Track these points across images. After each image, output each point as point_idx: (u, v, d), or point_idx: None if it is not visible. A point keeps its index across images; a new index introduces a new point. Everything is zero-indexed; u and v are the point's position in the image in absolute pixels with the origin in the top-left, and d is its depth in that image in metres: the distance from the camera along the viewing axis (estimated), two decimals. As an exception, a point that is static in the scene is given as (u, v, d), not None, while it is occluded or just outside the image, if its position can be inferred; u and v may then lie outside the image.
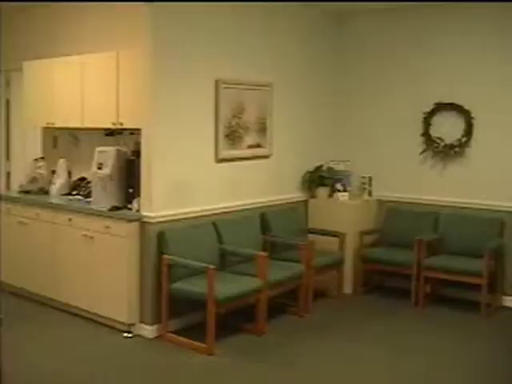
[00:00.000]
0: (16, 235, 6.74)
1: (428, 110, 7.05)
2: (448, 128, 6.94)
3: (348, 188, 7.29)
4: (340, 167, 7.39)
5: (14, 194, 7.02)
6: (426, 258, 6.50)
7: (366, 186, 7.36)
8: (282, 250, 6.50)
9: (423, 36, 7.10)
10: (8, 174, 8.38)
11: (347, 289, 7.05)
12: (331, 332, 5.88)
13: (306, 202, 7.36)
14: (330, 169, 7.35)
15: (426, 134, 7.09)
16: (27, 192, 6.90)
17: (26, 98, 7.16)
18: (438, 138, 7.01)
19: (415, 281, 6.54)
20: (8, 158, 8.41)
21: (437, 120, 7.05)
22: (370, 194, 7.37)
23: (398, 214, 7.22)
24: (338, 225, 6.94)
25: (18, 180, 7.46)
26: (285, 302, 6.36)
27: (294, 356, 5.28)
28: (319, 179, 7.26)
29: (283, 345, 5.52)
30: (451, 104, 6.91)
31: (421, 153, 7.14)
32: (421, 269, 6.49)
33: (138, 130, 5.71)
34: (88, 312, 6.02)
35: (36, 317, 6.19)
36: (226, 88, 6.14)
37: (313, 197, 7.35)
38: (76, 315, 6.12)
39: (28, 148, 7.88)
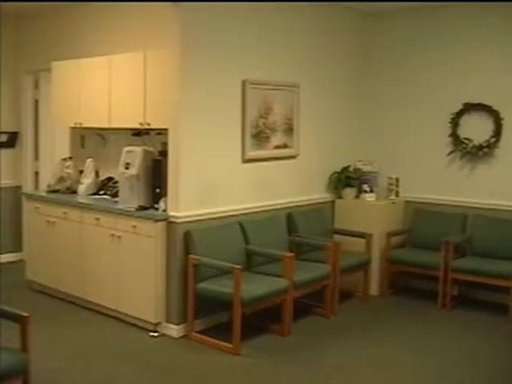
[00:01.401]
0: (44, 234, 6.80)
1: (456, 110, 6.99)
2: (476, 129, 6.87)
3: (375, 189, 7.26)
4: (367, 168, 7.36)
5: (42, 194, 7.08)
6: (454, 259, 6.44)
7: (393, 187, 7.32)
8: (308, 250, 6.48)
9: (451, 36, 7.03)
10: (36, 174, 8.47)
11: (373, 290, 7.01)
12: (357, 334, 5.85)
13: (332, 202, 7.33)
14: (356, 169, 7.32)
15: (453, 134, 7.03)
16: (55, 191, 6.95)
17: (54, 98, 7.22)
18: (466, 139, 6.94)
19: (442, 283, 6.48)
20: (36, 157, 8.50)
21: (465, 120, 6.99)
22: (397, 194, 7.33)
23: (425, 215, 7.17)
24: (364, 226, 6.91)
25: (46, 179, 7.52)
26: (311, 302, 6.34)
27: (319, 357, 5.26)
28: (346, 180, 7.23)
29: (309, 346, 5.50)
30: (479, 104, 6.84)
31: (448, 153, 7.08)
32: (448, 271, 6.42)
33: (165, 130, 5.73)
34: (115, 311, 6.05)
35: (63, 315, 6.23)
36: (253, 88, 6.14)
37: (339, 197, 7.32)
38: (103, 314, 6.15)
39: (56, 148, 7.95)
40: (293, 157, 6.75)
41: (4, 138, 8.20)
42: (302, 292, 5.90)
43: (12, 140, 8.31)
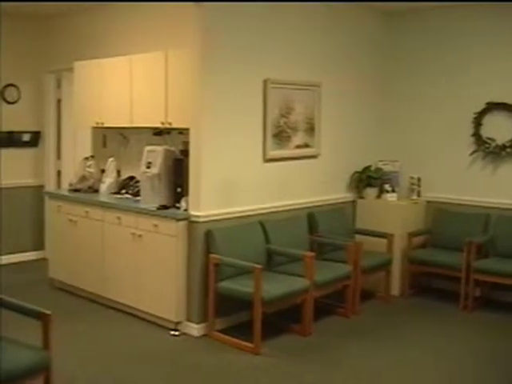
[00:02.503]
0: (66, 233, 6.84)
1: (479, 109, 6.93)
2: (499, 128, 6.81)
3: (396, 189, 7.22)
4: (388, 167, 7.32)
5: (64, 193, 7.12)
6: (476, 260, 6.38)
7: (415, 187, 7.27)
8: (329, 250, 6.47)
9: (474, 36, 6.97)
10: (58, 173, 8.53)
11: (395, 290, 6.97)
12: (378, 334, 5.83)
13: (353, 202, 7.31)
14: (378, 169, 7.29)
15: (476, 134, 6.97)
16: (77, 190, 7.00)
17: (76, 98, 7.26)
18: (489, 139, 6.88)
19: (464, 284, 6.43)
20: (59, 156, 8.55)
21: (488, 120, 6.93)
22: (418, 194, 7.28)
23: (447, 215, 7.12)
24: (385, 226, 6.87)
25: (68, 178, 7.57)
26: (331, 302, 6.32)
27: (340, 357, 5.24)
28: (367, 179, 7.21)
29: (329, 346, 5.49)
30: (503, 104, 6.78)
31: (471, 153, 7.02)
32: (470, 271, 6.37)
33: (187, 129, 5.74)
34: (136, 309, 6.07)
35: (84, 313, 6.27)
36: (275, 88, 6.13)
37: (361, 197, 7.29)
38: (124, 312, 6.18)
39: (78, 147, 8.01)
40: (314, 156, 6.73)
41: (27, 138, 8.26)
42: (323, 292, 5.88)
43: (35, 139, 8.37)
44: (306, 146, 6.61)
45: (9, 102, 8.06)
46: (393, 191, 7.18)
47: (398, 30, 7.52)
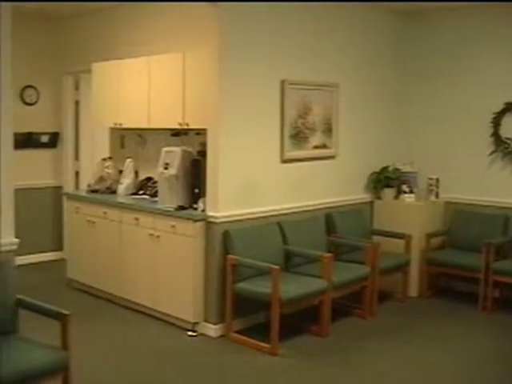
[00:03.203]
0: (84, 233, 6.87)
1: (497, 110, 6.88)
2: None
3: (414, 189, 7.17)
4: (406, 168, 7.28)
5: (83, 193, 7.16)
6: (495, 261, 6.34)
7: (433, 188, 7.23)
8: (346, 251, 6.45)
9: (492, 35, 6.93)
10: (77, 174, 8.57)
11: (413, 292, 6.94)
12: (396, 335, 5.80)
13: (371, 203, 7.28)
14: (396, 170, 7.26)
15: (495, 134, 6.92)
16: (95, 191, 7.02)
17: (94, 99, 7.29)
18: (508, 139, 6.83)
19: (483, 285, 6.38)
20: (77, 157, 8.60)
21: (507, 120, 6.87)
22: (436, 195, 7.24)
23: (465, 216, 7.07)
24: (403, 226, 6.84)
25: (87, 179, 7.60)
26: (349, 303, 6.29)
27: (357, 359, 5.22)
28: (385, 180, 7.18)
29: (347, 347, 5.47)
30: (522, 104, 6.75)
31: (490, 154, 6.98)
32: (489, 273, 6.32)
33: (204, 130, 5.75)
34: (153, 310, 6.08)
35: (102, 314, 6.29)
36: (292, 88, 6.12)
37: (378, 198, 7.27)
38: (141, 313, 6.19)
39: (96, 148, 8.05)
40: (332, 157, 6.71)
41: (45, 139, 8.31)
42: (341, 293, 5.87)
43: (53, 140, 8.42)
44: (324, 146, 6.60)
45: (28, 104, 8.12)
46: (411, 192, 7.15)
47: (415, 30, 7.48)
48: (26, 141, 7.98)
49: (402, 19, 7.45)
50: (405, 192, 7.15)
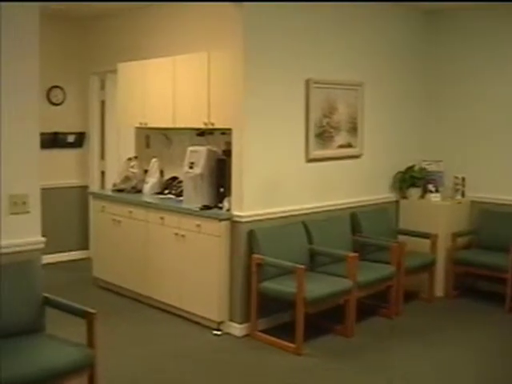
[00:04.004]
0: (110, 232, 6.91)
1: (525, 108, 6.82)
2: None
3: (440, 189, 7.12)
4: (432, 167, 7.23)
5: (108, 193, 7.20)
6: (523, 261, 6.28)
7: (459, 187, 7.17)
8: (372, 250, 6.42)
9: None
10: (102, 173, 8.62)
11: (439, 291, 6.88)
12: (422, 336, 5.75)
13: (397, 202, 7.24)
14: (421, 169, 7.21)
15: (523, 133, 6.86)
16: (121, 191, 7.06)
17: (120, 99, 7.34)
18: (537, 137, 6.77)
19: (510, 285, 6.31)
20: (103, 157, 8.65)
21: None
22: (463, 194, 7.18)
23: (492, 215, 7.00)
24: (429, 226, 6.79)
25: (112, 179, 7.64)
26: (374, 303, 6.26)
27: (382, 359, 5.20)
28: (411, 179, 7.13)
29: (372, 347, 5.45)
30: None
31: (517, 152, 6.92)
32: (517, 273, 6.27)
33: (229, 129, 5.75)
34: (178, 309, 6.10)
35: (128, 312, 6.33)
36: (317, 88, 6.11)
37: (404, 197, 7.22)
38: (167, 312, 6.22)
39: (122, 148, 8.09)
40: (357, 156, 6.69)
41: (71, 139, 8.38)
42: (366, 292, 5.85)
43: (79, 140, 8.48)
44: (349, 145, 6.58)
45: (54, 104, 8.19)
46: (436, 191, 7.10)
47: (441, 28, 7.42)
48: (52, 141, 8.05)
49: (427, 18, 7.40)
50: (431, 191, 7.10)
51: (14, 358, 3.69)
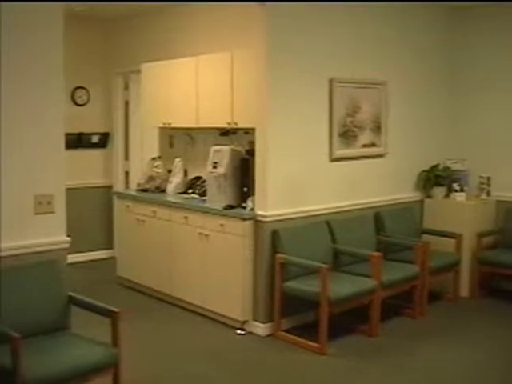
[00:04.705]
0: (134, 232, 6.95)
1: (552, 106, 6.74)
2: None
3: (465, 188, 7.07)
4: (457, 166, 7.17)
5: (132, 193, 7.24)
6: (550, 261, 6.21)
7: (485, 186, 7.11)
8: (396, 250, 6.37)
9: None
10: (126, 173, 8.67)
11: (463, 292, 6.83)
12: (446, 336, 5.71)
13: (421, 201, 7.19)
14: (446, 168, 7.15)
15: (549, 131, 6.78)
16: (144, 190, 7.09)
17: (143, 99, 7.37)
18: None
19: (537, 285, 6.27)
20: (127, 157, 8.69)
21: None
22: (488, 194, 7.12)
23: (518, 215, 6.94)
24: (454, 225, 6.74)
25: (136, 179, 7.68)
26: (399, 303, 6.23)
27: (407, 360, 5.16)
28: (435, 179, 7.08)
29: (397, 347, 5.42)
30: None
31: (544, 151, 6.84)
32: (543, 273, 6.21)
33: (253, 129, 5.75)
34: (202, 308, 6.12)
35: (152, 311, 6.36)
36: (340, 87, 6.08)
37: (428, 197, 7.17)
38: (190, 311, 6.24)
39: (145, 148, 8.11)
40: (381, 155, 6.65)
41: (96, 139, 8.43)
42: (390, 292, 5.81)
43: (103, 141, 8.54)
44: (373, 145, 6.55)
45: (78, 104, 8.25)
46: (461, 190, 7.04)
47: (467, 24, 7.34)
48: (77, 141, 8.11)
49: (453, 16, 7.33)
50: (455, 190, 7.05)
51: (40, 356, 3.73)
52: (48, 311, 4.14)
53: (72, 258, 4.85)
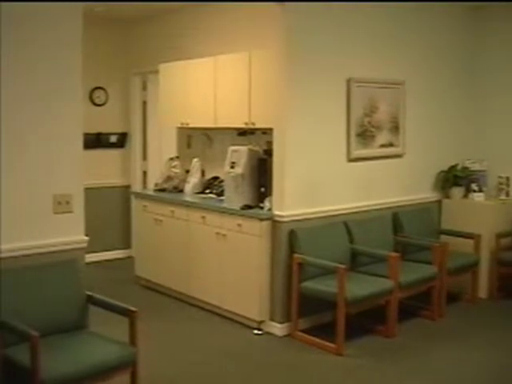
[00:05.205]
0: (152, 232, 6.97)
1: None
2: None
3: (484, 188, 7.02)
4: (476, 166, 7.13)
5: (150, 192, 7.26)
6: None
7: (504, 187, 7.06)
8: (414, 250, 6.35)
9: None
10: (144, 173, 8.70)
11: (482, 293, 6.78)
12: (464, 338, 5.67)
13: (439, 202, 7.16)
14: (464, 168, 7.11)
15: None
16: (162, 190, 7.11)
17: (161, 100, 7.39)
18: None
19: (556, 287, 6.21)
20: (145, 157, 8.73)
21: None
22: (507, 194, 7.06)
23: (538, 215, 6.89)
24: (472, 226, 6.69)
25: (154, 179, 7.70)
26: (416, 304, 6.20)
27: (424, 361, 5.13)
28: (454, 179, 7.04)
29: (414, 348, 5.39)
30: None
31: None
32: None
33: (270, 129, 5.76)
34: (219, 308, 6.13)
35: (169, 311, 6.38)
36: (358, 87, 6.07)
37: (447, 197, 7.14)
38: (208, 311, 6.25)
39: (163, 148, 8.15)
40: (399, 155, 6.63)
41: (114, 139, 8.47)
42: (408, 293, 5.79)
43: (121, 141, 8.57)
44: (391, 145, 6.52)
45: (97, 105, 8.29)
46: (480, 191, 7.00)
47: (485, 23, 7.29)
48: (95, 141, 8.15)
49: (471, 12, 7.28)
50: (474, 191, 7.01)
51: (58, 354, 3.76)
52: (66, 310, 4.17)
53: (90, 257, 4.88)
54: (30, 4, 4.08)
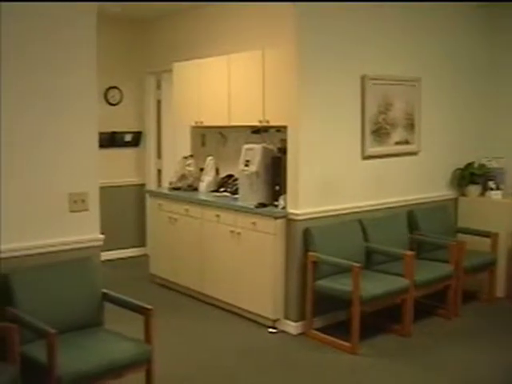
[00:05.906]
0: (166, 230, 6.98)
1: None
2: None
3: (501, 186, 6.96)
4: (493, 164, 7.06)
5: (165, 191, 7.27)
6: None
7: (522, 184, 7.01)
8: (429, 249, 6.31)
9: None
10: (159, 172, 8.72)
11: (499, 292, 6.73)
12: (480, 337, 5.63)
13: (455, 200, 7.11)
14: (481, 166, 7.06)
15: None
16: (177, 189, 7.12)
17: (175, 98, 7.40)
18: None
19: None
20: (159, 156, 8.74)
21: None
22: (525, 192, 7.02)
23: (555, 214, 6.82)
24: (489, 224, 6.64)
25: (169, 177, 7.71)
26: (432, 303, 6.16)
27: (440, 360, 5.10)
28: (470, 177, 6.99)
29: (430, 348, 5.36)
30: None
31: None
32: None
33: (284, 127, 5.74)
34: (234, 306, 6.13)
35: (184, 309, 6.39)
36: (373, 84, 6.04)
37: (463, 195, 7.09)
38: (222, 309, 6.25)
39: (178, 146, 8.15)
40: (414, 153, 6.59)
41: (129, 138, 8.49)
42: (423, 292, 5.76)
43: (136, 139, 8.59)
44: (406, 142, 6.49)
45: (111, 104, 8.31)
46: (497, 189, 6.94)
47: (500, 21, 7.23)
48: (110, 140, 8.18)
49: (487, 10, 7.23)
50: (491, 189, 6.95)
51: (74, 351, 3.78)
52: (82, 307, 4.19)
53: (105, 255, 4.89)
54: (45, 4, 4.10)
